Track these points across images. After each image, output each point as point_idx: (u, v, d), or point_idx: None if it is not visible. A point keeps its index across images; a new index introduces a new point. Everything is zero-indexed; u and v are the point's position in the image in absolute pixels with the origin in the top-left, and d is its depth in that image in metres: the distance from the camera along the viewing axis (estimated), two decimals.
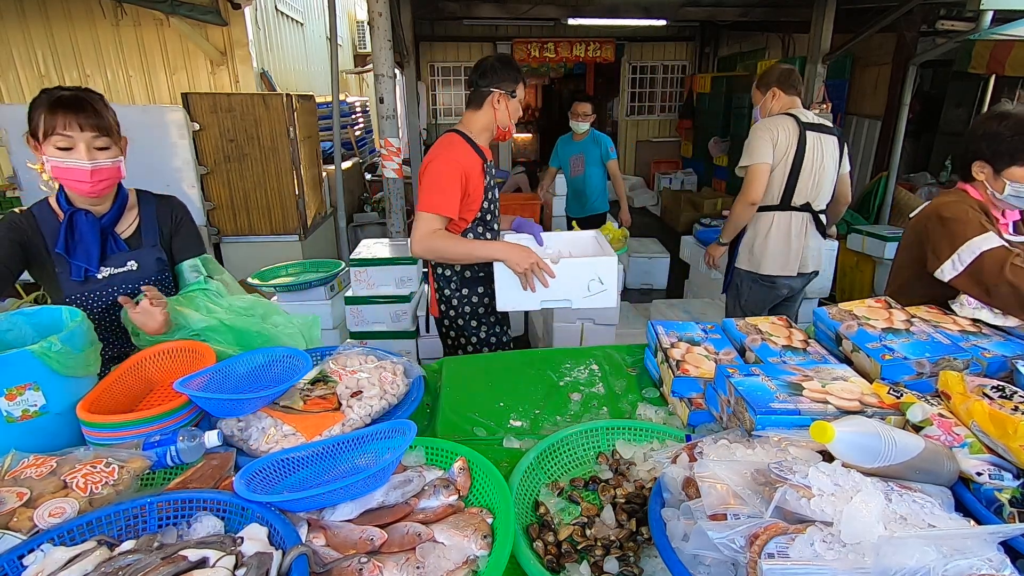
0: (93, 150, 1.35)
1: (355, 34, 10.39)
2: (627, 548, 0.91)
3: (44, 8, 4.79)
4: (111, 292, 1.47)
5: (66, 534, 0.82)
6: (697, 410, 1.23)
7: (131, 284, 1.49)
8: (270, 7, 5.81)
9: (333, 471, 1.03)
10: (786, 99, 2.58)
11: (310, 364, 1.27)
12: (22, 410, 1.07)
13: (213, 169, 4.31)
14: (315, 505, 0.91)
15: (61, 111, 1.30)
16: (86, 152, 1.33)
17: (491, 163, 2.09)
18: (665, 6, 7.57)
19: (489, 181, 2.08)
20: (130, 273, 1.49)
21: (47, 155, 1.32)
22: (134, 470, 0.99)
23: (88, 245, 1.42)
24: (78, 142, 1.32)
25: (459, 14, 7.69)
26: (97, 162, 1.35)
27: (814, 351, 1.38)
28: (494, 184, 2.13)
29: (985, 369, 1.16)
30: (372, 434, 1.07)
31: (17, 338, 1.23)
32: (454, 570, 0.83)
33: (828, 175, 2.54)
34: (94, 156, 1.35)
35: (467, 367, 1.63)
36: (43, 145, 1.32)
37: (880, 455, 0.79)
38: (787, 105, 2.57)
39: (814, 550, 0.65)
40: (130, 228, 1.52)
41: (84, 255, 1.41)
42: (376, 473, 0.91)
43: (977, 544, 0.65)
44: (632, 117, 11.30)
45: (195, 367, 1.25)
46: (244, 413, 1.17)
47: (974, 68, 4.62)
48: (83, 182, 1.35)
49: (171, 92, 5.12)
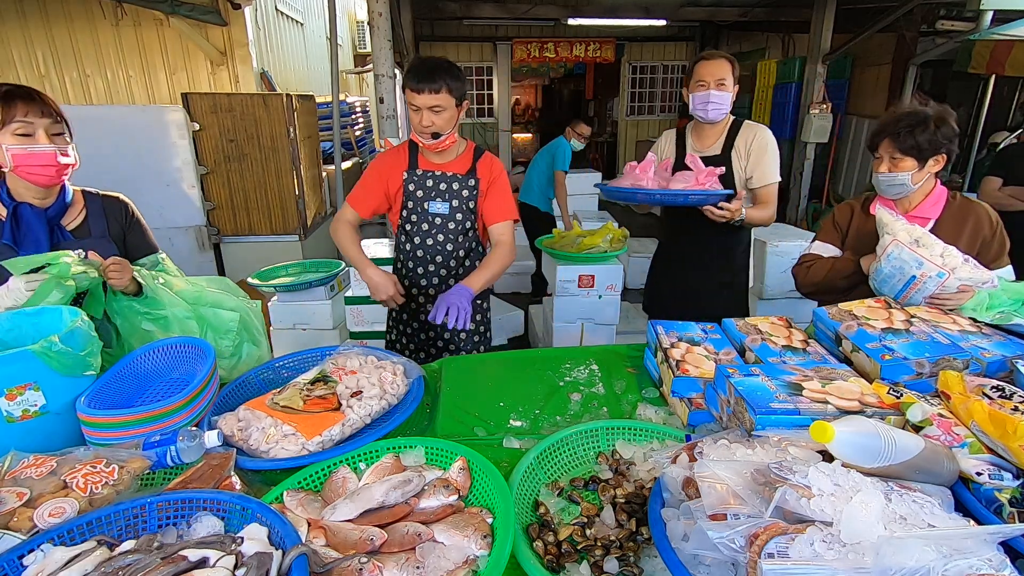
0: (52, 136, 1.36)
1: (355, 34, 10.38)
2: (627, 548, 0.91)
3: (44, 8, 4.78)
4: None
5: (66, 534, 0.82)
6: (697, 410, 1.23)
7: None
8: (270, 7, 5.81)
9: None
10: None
11: (211, 354, 1.31)
12: (22, 410, 1.07)
13: (213, 169, 4.31)
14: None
15: (19, 100, 1.32)
16: (47, 138, 1.35)
17: (425, 172, 1.94)
18: (665, 6, 7.58)
19: (413, 190, 1.95)
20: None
21: (6, 144, 1.32)
22: (134, 470, 0.99)
23: (36, 235, 1.42)
24: (38, 128, 1.34)
25: (459, 14, 7.70)
26: (60, 147, 1.37)
27: (814, 351, 1.38)
28: (433, 196, 1.94)
29: (985, 369, 1.16)
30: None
31: (17, 338, 1.23)
32: (454, 570, 0.83)
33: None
34: (53, 142, 1.36)
35: (467, 367, 1.63)
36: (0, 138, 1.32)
37: (880, 455, 0.79)
38: None
39: (814, 550, 0.66)
40: (76, 220, 1.52)
41: (33, 245, 1.42)
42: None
43: (977, 544, 0.65)
44: (632, 117, 11.30)
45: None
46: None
47: (974, 68, 4.63)
48: (49, 166, 1.36)
49: (171, 92, 5.12)
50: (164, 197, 4.15)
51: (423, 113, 1.77)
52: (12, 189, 1.42)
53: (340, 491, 1.01)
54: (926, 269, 1.49)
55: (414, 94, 1.77)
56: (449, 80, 1.75)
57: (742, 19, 7.85)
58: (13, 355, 1.05)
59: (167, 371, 1.38)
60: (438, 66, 1.76)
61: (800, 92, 7.15)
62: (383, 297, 1.87)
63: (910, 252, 1.52)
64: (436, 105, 1.76)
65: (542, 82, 14.57)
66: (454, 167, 1.98)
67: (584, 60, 10.42)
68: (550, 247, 3.54)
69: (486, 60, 10.52)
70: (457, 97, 1.81)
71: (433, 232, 2.00)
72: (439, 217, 1.98)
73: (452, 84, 1.76)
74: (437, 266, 2.04)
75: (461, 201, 1.98)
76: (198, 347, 1.37)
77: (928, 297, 1.52)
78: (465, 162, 2.00)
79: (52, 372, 1.09)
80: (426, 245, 2.01)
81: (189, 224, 4.28)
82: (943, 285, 1.50)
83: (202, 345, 1.36)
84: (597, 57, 10.23)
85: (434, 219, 1.98)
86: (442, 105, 1.77)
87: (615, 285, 3.42)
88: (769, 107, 8.12)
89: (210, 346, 1.34)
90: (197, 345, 1.37)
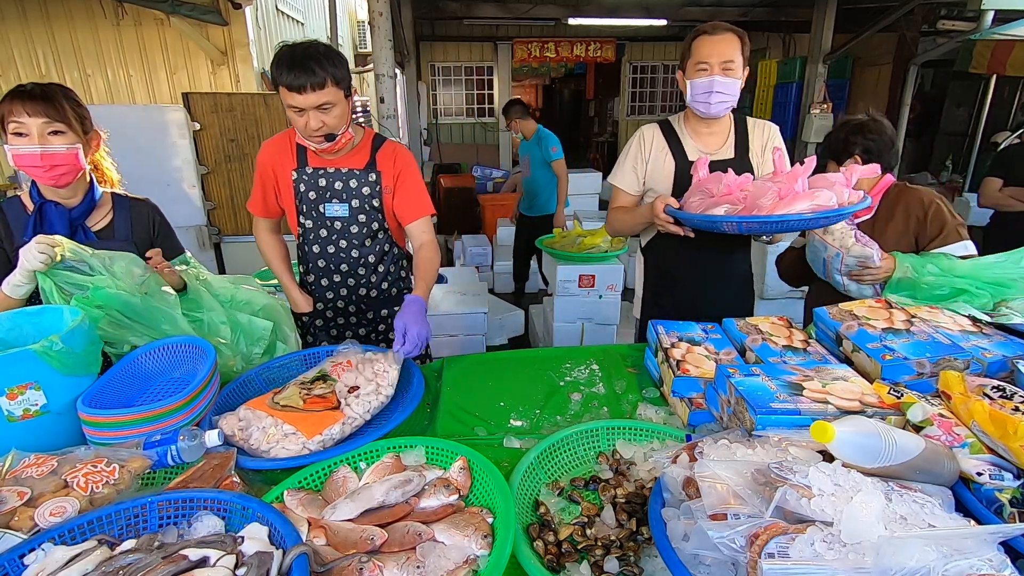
0: (46, 135, 1.36)
1: (355, 34, 10.38)
2: (627, 548, 0.91)
3: (45, 8, 4.78)
4: None
5: (67, 533, 0.82)
6: (697, 410, 1.23)
7: None
8: (270, 7, 5.81)
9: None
10: None
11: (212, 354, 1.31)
12: (23, 409, 1.07)
13: (213, 169, 4.31)
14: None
15: (18, 100, 1.34)
16: (38, 138, 1.35)
17: (316, 170, 1.68)
18: (666, 6, 7.57)
19: (305, 191, 1.69)
20: None
21: (8, 144, 1.34)
22: (134, 469, 0.99)
23: (58, 234, 1.43)
24: (31, 128, 1.34)
25: (459, 14, 7.69)
26: (48, 147, 1.37)
27: (814, 351, 1.38)
28: (329, 197, 1.70)
29: (985, 369, 1.16)
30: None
31: (18, 338, 1.23)
32: (454, 569, 0.83)
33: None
34: (46, 142, 1.37)
35: (467, 367, 1.63)
36: (6, 137, 1.34)
37: (880, 455, 0.79)
38: None
39: (814, 550, 0.66)
40: (102, 222, 1.53)
41: None
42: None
43: (977, 544, 0.65)
44: (633, 117, 11.30)
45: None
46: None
47: (975, 68, 4.62)
48: (36, 167, 1.36)
49: (172, 92, 5.11)
50: (165, 197, 4.11)
51: (308, 115, 1.50)
52: (40, 188, 1.44)
53: (340, 490, 1.01)
54: (829, 251, 1.76)
55: (292, 94, 1.47)
56: (332, 69, 1.47)
57: (743, 19, 7.84)
58: (14, 355, 1.05)
59: (168, 371, 1.38)
60: (314, 54, 1.46)
61: (801, 92, 7.16)
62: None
63: (820, 239, 1.79)
64: (324, 103, 1.49)
65: (543, 82, 14.58)
66: (349, 161, 1.71)
67: (585, 60, 10.43)
68: (550, 247, 3.54)
69: (486, 60, 10.52)
70: (345, 87, 1.54)
71: (334, 238, 1.75)
72: (338, 221, 1.73)
73: (336, 73, 1.48)
74: (343, 275, 1.80)
75: (362, 200, 1.71)
76: (199, 347, 1.37)
77: (847, 275, 1.73)
78: (363, 155, 1.72)
79: (53, 372, 1.09)
80: (327, 253, 1.77)
81: (190, 224, 4.27)
82: (844, 263, 1.70)
83: (202, 345, 1.36)
84: (598, 57, 10.23)
85: (333, 223, 1.73)
86: (331, 101, 1.50)
87: (616, 285, 3.42)
88: (770, 107, 8.12)
89: (211, 346, 1.34)
90: (198, 345, 1.37)
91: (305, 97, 1.47)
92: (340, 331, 1.92)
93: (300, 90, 1.46)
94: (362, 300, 1.86)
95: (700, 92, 1.69)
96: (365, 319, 1.91)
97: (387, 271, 1.84)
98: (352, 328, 1.92)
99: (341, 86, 1.52)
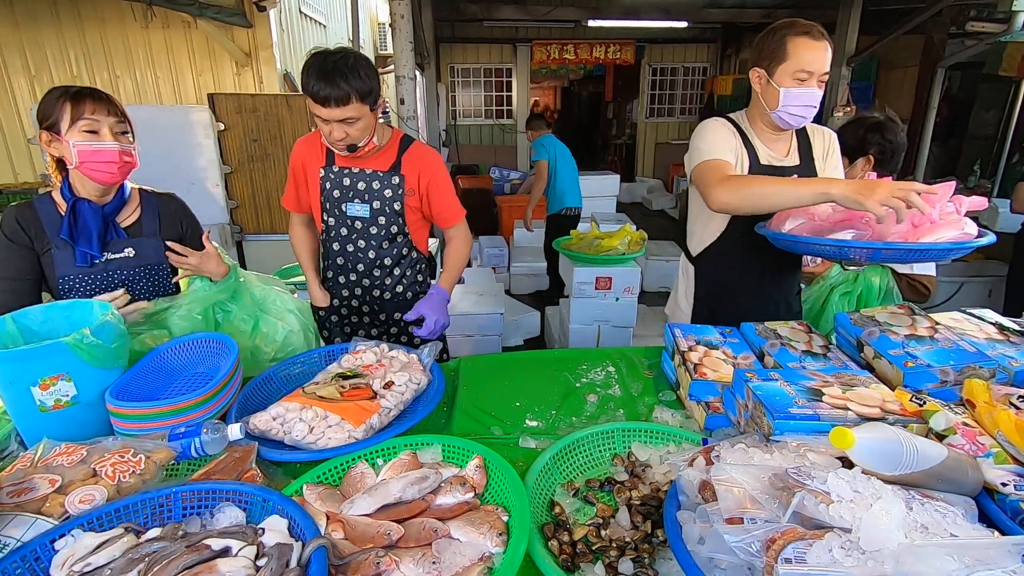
0: (117, 135, 1.42)
1: (376, 36, 10.48)
2: (642, 550, 0.91)
3: (77, 11, 4.92)
4: (105, 277, 1.51)
5: (95, 520, 0.85)
6: (714, 414, 1.22)
7: (127, 270, 1.53)
8: (294, 9, 5.90)
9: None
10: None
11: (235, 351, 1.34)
12: (55, 400, 1.11)
13: (237, 168, 4.38)
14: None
15: (88, 99, 1.38)
16: (111, 136, 1.40)
17: (342, 170, 1.71)
18: (686, 8, 7.52)
19: (330, 189, 1.73)
20: (127, 259, 1.54)
21: (73, 141, 1.37)
22: (160, 460, 1.02)
23: (91, 232, 1.47)
24: (103, 126, 1.39)
25: (479, 16, 7.73)
26: (124, 145, 1.43)
27: (835, 357, 1.36)
28: (351, 197, 1.72)
29: (1012, 378, 1.14)
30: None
31: (51, 331, 1.27)
32: (469, 566, 0.84)
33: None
34: (119, 140, 1.42)
35: (484, 367, 1.64)
36: (66, 135, 1.37)
37: (901, 462, 0.78)
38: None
39: (832, 556, 0.65)
40: (131, 218, 1.57)
41: (87, 241, 1.47)
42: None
43: (1000, 555, 0.64)
44: (652, 119, 11.24)
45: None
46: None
47: (1005, 71, 4.52)
48: (112, 163, 1.40)
49: (197, 93, 5.22)
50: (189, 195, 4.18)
51: (333, 126, 1.52)
52: (73, 186, 1.47)
53: (358, 486, 1.03)
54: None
55: (317, 106, 1.49)
56: (357, 83, 1.47)
57: (765, 20, 7.74)
58: (47, 347, 1.09)
59: (192, 365, 1.41)
60: (342, 67, 1.46)
61: (824, 94, 7.04)
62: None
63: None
64: (347, 118, 1.50)
65: (561, 84, 14.56)
66: (374, 163, 1.72)
67: (604, 62, 10.40)
68: (567, 249, 3.54)
69: (506, 62, 10.55)
70: (371, 102, 1.53)
71: (353, 237, 1.78)
72: (359, 221, 1.75)
73: (362, 88, 1.48)
74: (359, 275, 1.83)
75: (383, 203, 1.73)
76: (222, 342, 1.40)
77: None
78: (389, 157, 1.74)
79: (83, 363, 1.12)
80: (346, 252, 1.81)
81: (213, 222, 4.35)
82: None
83: (226, 340, 1.39)
84: (617, 59, 10.20)
85: (353, 223, 1.76)
86: (354, 116, 1.51)
87: (632, 287, 3.41)
88: None
89: (233, 341, 1.37)
90: (221, 340, 1.40)
91: (329, 111, 1.49)
92: (353, 329, 1.95)
93: (324, 103, 1.47)
94: (375, 301, 1.88)
95: (797, 103, 1.52)
96: (378, 320, 1.93)
97: (403, 274, 1.86)
98: (364, 328, 1.95)
99: (367, 101, 1.51)
